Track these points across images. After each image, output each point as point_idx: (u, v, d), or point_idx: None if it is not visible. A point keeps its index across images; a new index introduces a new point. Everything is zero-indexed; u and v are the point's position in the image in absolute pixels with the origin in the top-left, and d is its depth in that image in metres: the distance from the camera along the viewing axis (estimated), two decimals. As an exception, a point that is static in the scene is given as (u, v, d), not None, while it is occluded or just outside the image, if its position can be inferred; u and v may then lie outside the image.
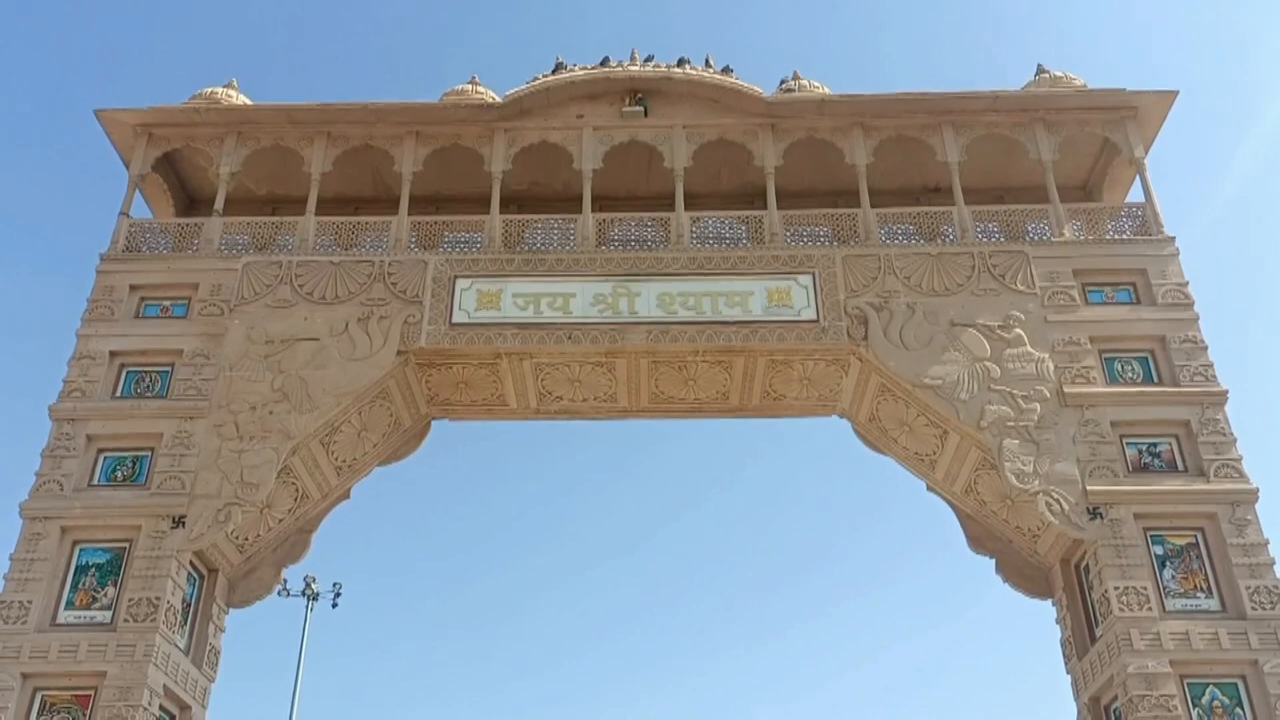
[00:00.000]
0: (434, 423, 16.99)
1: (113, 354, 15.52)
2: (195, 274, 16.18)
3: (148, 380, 15.46)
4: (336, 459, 15.81)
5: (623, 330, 15.53)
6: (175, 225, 17.18)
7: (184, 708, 14.27)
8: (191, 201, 18.69)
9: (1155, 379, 15.19)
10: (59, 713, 13.17)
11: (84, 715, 13.11)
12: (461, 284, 15.91)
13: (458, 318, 15.66)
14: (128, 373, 15.51)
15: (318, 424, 15.00)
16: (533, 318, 15.65)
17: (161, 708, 13.69)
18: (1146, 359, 15.39)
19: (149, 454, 14.81)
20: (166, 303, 16.09)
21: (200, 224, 16.93)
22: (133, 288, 16.12)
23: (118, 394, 15.35)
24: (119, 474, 14.74)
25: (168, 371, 15.45)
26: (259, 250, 16.55)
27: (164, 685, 13.56)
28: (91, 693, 13.20)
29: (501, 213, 16.79)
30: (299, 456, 15.13)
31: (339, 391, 15.13)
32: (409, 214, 16.78)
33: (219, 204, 16.97)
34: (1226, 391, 14.88)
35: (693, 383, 16.30)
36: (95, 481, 14.66)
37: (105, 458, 14.84)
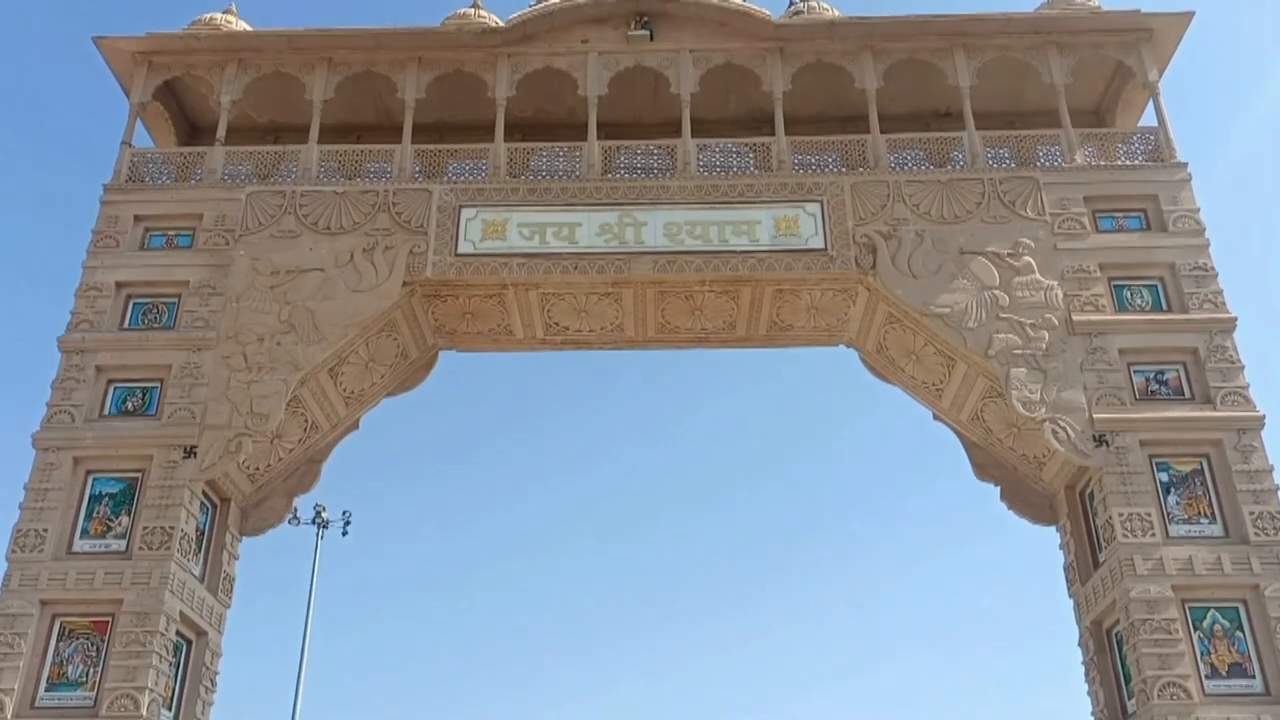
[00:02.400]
0: (441, 353, 17.02)
1: (119, 285, 15.52)
2: (199, 204, 16.10)
3: (155, 311, 15.48)
4: (345, 390, 15.87)
5: (629, 260, 15.45)
6: (178, 155, 17.04)
7: (200, 633, 14.54)
8: (193, 130, 18.51)
9: (1164, 306, 15.13)
10: (78, 639, 13.43)
11: (102, 641, 13.37)
12: (466, 214, 15.80)
13: (463, 248, 15.59)
14: (134, 304, 15.53)
15: (325, 355, 15.04)
16: (538, 248, 15.57)
17: (178, 633, 13.96)
18: (1156, 286, 15.31)
19: (158, 385, 14.89)
20: (171, 233, 16.04)
21: (203, 153, 16.80)
22: (137, 218, 16.06)
23: (125, 325, 15.38)
24: (129, 405, 14.84)
25: (174, 303, 15.46)
26: (262, 180, 16.44)
27: (180, 611, 13.81)
28: (109, 619, 13.46)
29: (506, 141, 16.60)
30: (307, 387, 15.20)
31: (346, 322, 15.14)
32: (412, 142, 16.61)
33: (221, 133, 16.81)
34: (1235, 319, 14.83)
35: (699, 312, 16.26)
36: (106, 412, 14.77)
37: (115, 389, 14.92)
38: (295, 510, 21.84)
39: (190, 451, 14.30)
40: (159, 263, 15.77)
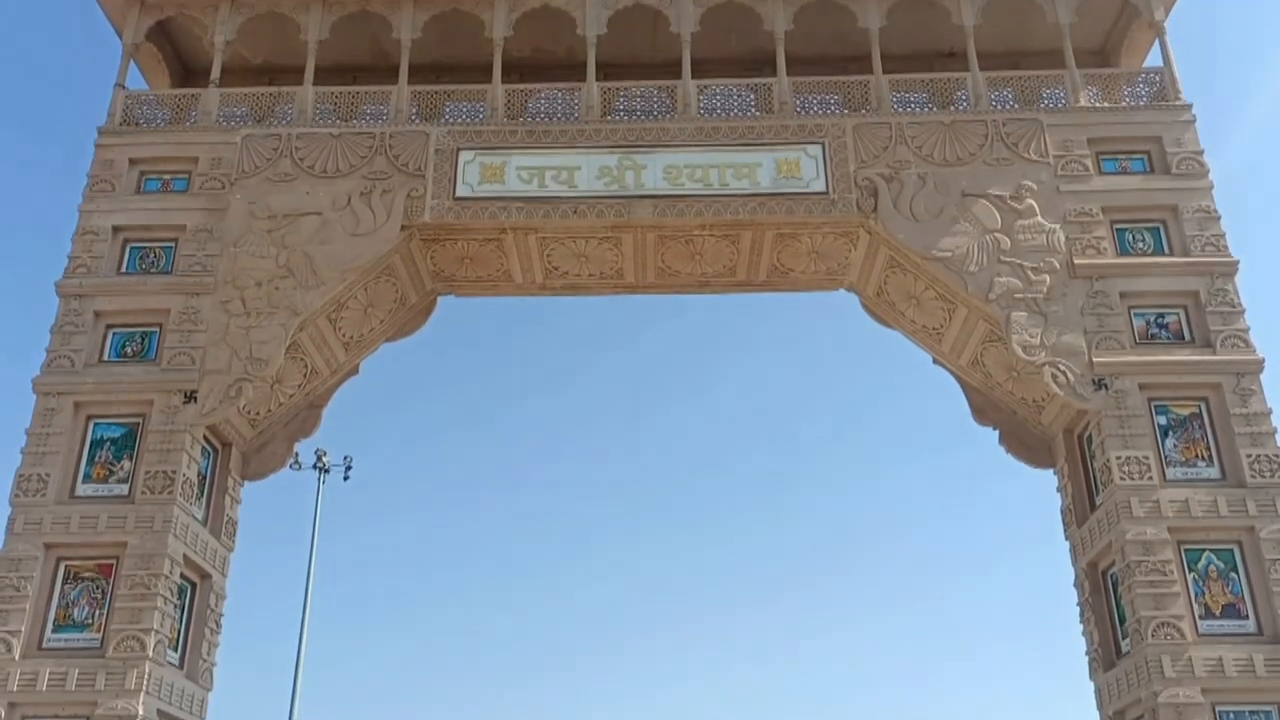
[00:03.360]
0: (440, 298, 16.96)
1: (116, 229, 15.42)
2: (194, 147, 15.94)
3: (152, 256, 15.41)
4: (344, 335, 15.85)
5: (629, 204, 15.34)
6: (172, 97, 16.83)
7: (204, 576, 14.67)
8: (187, 73, 18.26)
9: (1166, 249, 15.07)
10: (83, 581, 13.55)
11: (107, 584, 13.49)
12: (464, 156, 15.65)
13: (461, 191, 15.47)
14: (132, 248, 15.45)
15: (324, 300, 14.99)
16: (537, 191, 15.45)
17: (183, 576, 14.08)
18: (1158, 229, 15.23)
19: (157, 330, 14.86)
20: (167, 177, 15.91)
21: (197, 95, 16.59)
22: (132, 161, 15.90)
23: (123, 270, 15.32)
24: (128, 350, 14.82)
25: (171, 247, 15.38)
26: (257, 122, 16.26)
27: (184, 555, 13.92)
28: (113, 562, 13.58)
29: (503, 82, 16.39)
30: (306, 332, 15.17)
31: (344, 267, 15.07)
32: (409, 84, 16.40)
33: (215, 74, 16.59)
34: (1237, 262, 14.78)
35: (699, 257, 16.18)
36: (105, 357, 14.76)
37: (114, 334, 14.90)
38: (296, 455, 21.94)
39: (190, 396, 14.31)
40: (155, 206, 15.65)
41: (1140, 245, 15.14)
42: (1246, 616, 13.12)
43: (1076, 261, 14.76)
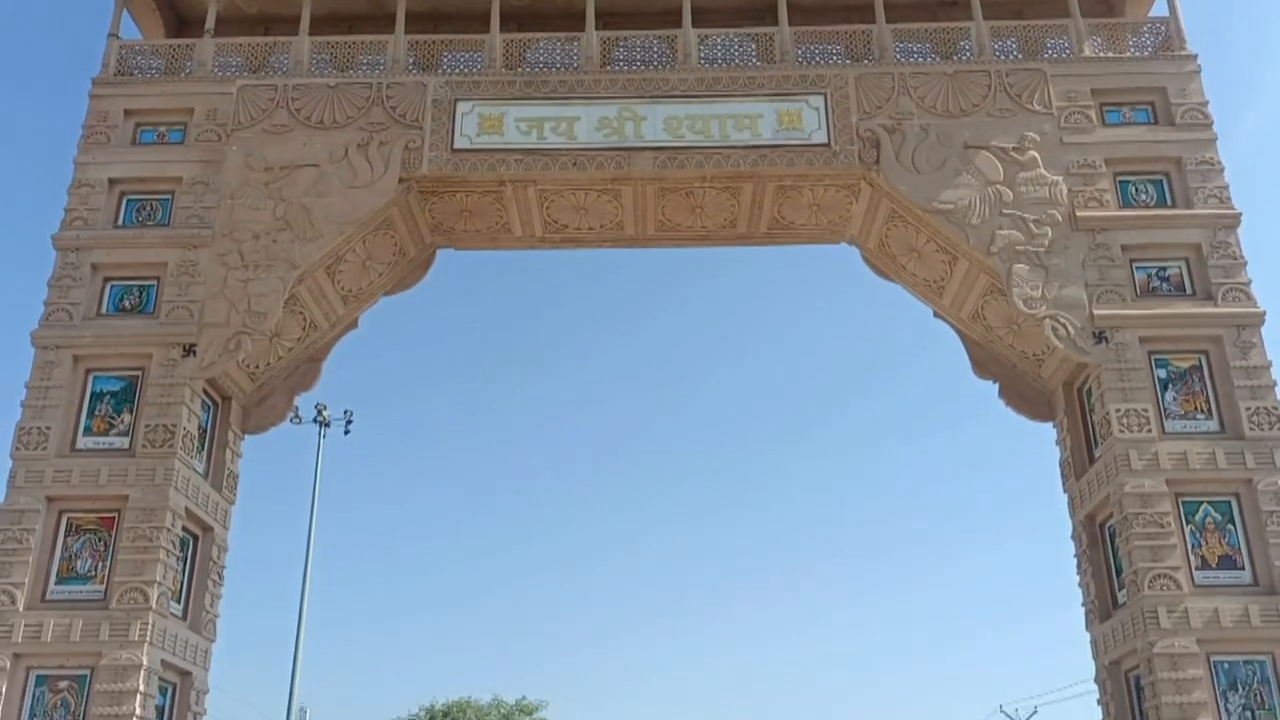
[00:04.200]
0: (439, 251, 16.86)
1: (112, 181, 15.30)
2: (189, 98, 15.77)
3: (149, 209, 15.30)
4: (343, 288, 15.78)
5: (629, 156, 15.20)
6: (166, 47, 16.60)
7: (206, 529, 14.72)
8: (181, 23, 17.96)
9: (1169, 202, 14.99)
10: (86, 534, 13.61)
11: (110, 536, 13.55)
12: (463, 107, 15.49)
13: (459, 143, 15.32)
14: (128, 201, 15.34)
15: (322, 253, 14.90)
16: (536, 143, 15.30)
17: (184, 528, 14.13)
18: (1161, 181, 15.15)
19: (155, 283, 14.80)
20: (162, 128, 15.76)
21: (192, 45, 16.38)
22: (127, 113, 15.74)
23: (120, 223, 15.22)
24: (127, 303, 14.77)
25: (168, 199, 15.27)
26: (253, 73, 16.07)
27: (185, 507, 13.95)
28: (115, 515, 13.62)
29: (502, 31, 16.18)
30: (305, 286, 15.10)
31: (342, 220, 14.96)
32: (406, 33, 16.18)
33: (210, 23, 16.38)
34: (1240, 215, 14.71)
35: (700, 210, 16.07)
36: (104, 311, 14.71)
37: (112, 287, 14.83)
38: (296, 409, 21.95)
39: (189, 350, 14.27)
40: (151, 159, 15.52)
41: (1143, 197, 15.05)
42: (1243, 568, 13.21)
43: (1079, 214, 14.68)
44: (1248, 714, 12.59)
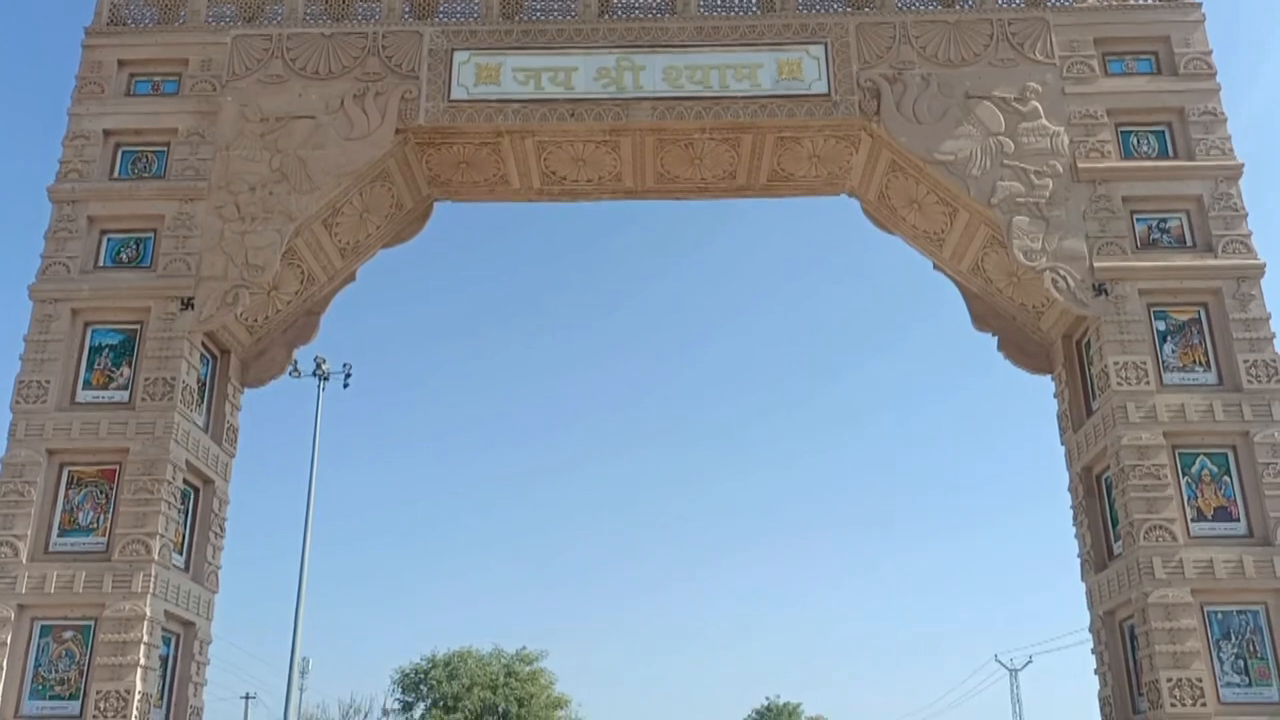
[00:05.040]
0: (437, 204, 16.77)
1: (107, 133, 15.18)
2: (184, 48, 15.59)
3: (144, 160, 15.20)
4: (340, 241, 15.72)
5: (627, 106, 15.07)
6: (158, -5, 16.37)
7: (207, 481, 14.80)
8: (173, -30, 17.75)
9: (1171, 153, 14.89)
10: (87, 486, 13.67)
11: (111, 489, 13.61)
12: (459, 57, 15.33)
13: (456, 94, 15.18)
14: (123, 152, 15.23)
15: (319, 205, 14.82)
16: (534, 93, 15.16)
17: (186, 481, 14.20)
18: (1163, 132, 15.04)
19: (152, 236, 14.74)
20: (157, 79, 15.60)
21: (185, -6, 16.14)
22: (121, 63, 15.57)
23: (115, 175, 15.12)
24: (124, 256, 14.72)
25: (164, 151, 15.17)
26: (247, 22, 15.87)
27: (186, 460, 14.01)
28: (116, 468, 13.68)
29: (499, -22, 15.95)
30: (302, 238, 15.04)
31: (338, 172, 14.87)
32: (401, -19, 15.96)
33: (202, -28, 16.13)
34: (1242, 165, 14.62)
35: (699, 161, 15.96)
36: (101, 264, 14.66)
37: (109, 239, 14.78)
38: (295, 362, 22.00)
39: (187, 303, 14.25)
40: (146, 110, 15.38)
41: (1144, 148, 14.96)
42: (1238, 519, 13.30)
43: (1080, 165, 14.59)
44: (1240, 663, 12.73)
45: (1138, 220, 14.56)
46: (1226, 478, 13.47)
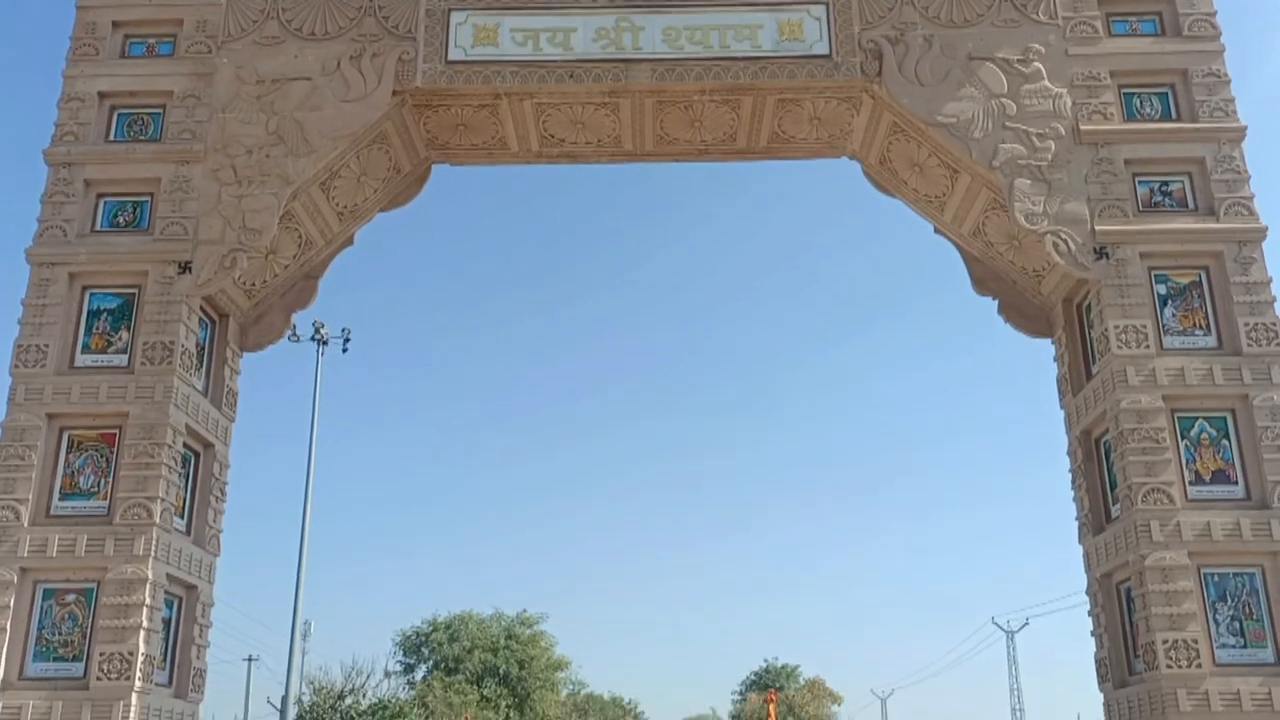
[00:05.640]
0: (435, 167, 16.66)
1: (102, 95, 15.04)
2: (178, 9, 15.40)
3: (140, 123, 15.09)
4: (337, 204, 15.64)
5: (626, 68, 14.92)
6: (152, -45, 16.17)
7: (207, 445, 14.82)
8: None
9: (1174, 115, 14.79)
10: (87, 450, 13.68)
11: (111, 452, 13.62)
12: (456, 18, 15.16)
13: (454, 55, 15.02)
14: (119, 115, 15.10)
15: (316, 168, 14.73)
16: (532, 55, 15.01)
17: (186, 445, 14.21)
18: (1166, 94, 14.92)
19: (149, 199, 14.66)
20: (151, 40, 15.43)
21: (178, -47, 15.94)
22: (115, 24, 15.39)
23: (111, 138, 15.00)
24: (121, 219, 14.64)
25: (159, 114, 15.04)
26: (242, -18, 15.67)
27: (186, 424, 14.01)
28: (116, 432, 13.68)
29: (496, -61, 15.76)
30: (300, 202, 14.96)
31: (335, 134, 14.75)
32: (398, -61, 15.75)
33: (196, -69, 15.92)
34: (1245, 128, 14.52)
35: (699, 124, 15.84)
36: (98, 227, 14.58)
37: (106, 203, 14.69)
38: (294, 326, 21.96)
39: (185, 267, 14.19)
40: (141, 72, 15.23)
41: (1147, 110, 14.85)
42: (1236, 482, 13.33)
43: (1082, 127, 14.49)
44: (1236, 625, 12.82)
45: (1140, 183, 14.49)
46: (1225, 441, 13.50)
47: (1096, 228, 14.06)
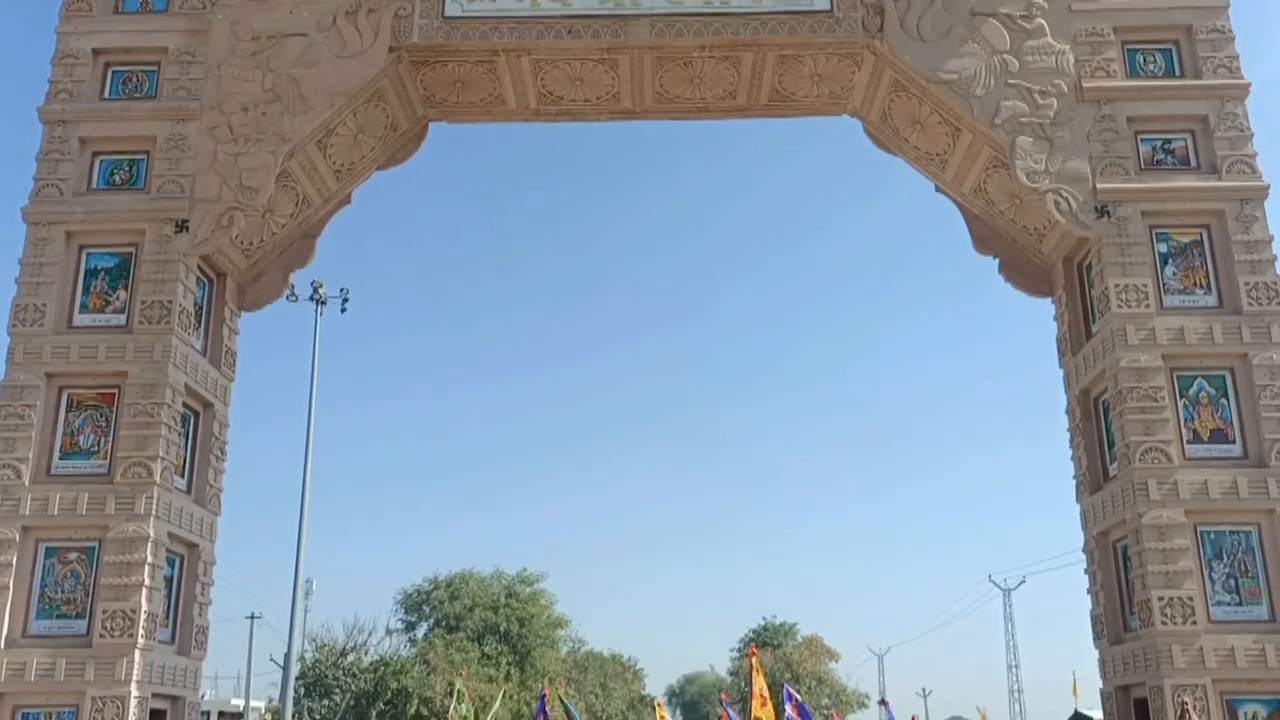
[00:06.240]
0: (432, 125, 16.52)
1: (96, 52, 14.88)
2: (172, -37, 15.21)
3: (135, 80, 14.94)
4: (334, 162, 15.53)
5: (625, 23, 14.75)
6: (145, -91, 15.93)
7: (207, 405, 14.82)
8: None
9: (1177, 72, 14.65)
10: (87, 409, 13.68)
11: (111, 412, 13.63)
12: (454, -28, 14.95)
13: (450, 10, 14.85)
14: (114, 72, 14.95)
15: (312, 125, 14.60)
16: (530, 10, 14.84)
17: (185, 405, 14.21)
18: (1170, 50, 14.77)
19: (144, 157, 14.55)
20: (145, -5, 15.25)
21: (171, -93, 15.71)
22: (108, -21, 15.21)
23: (106, 95, 14.86)
24: (117, 178, 14.54)
25: (154, 71, 14.90)
26: (237, -63, 15.45)
27: (185, 384, 14.00)
28: (115, 391, 13.68)
29: (493, -108, 15.52)
30: (297, 160, 14.85)
31: (331, 92, 14.61)
32: (393, -108, 15.51)
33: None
34: (1248, 85, 14.39)
35: (698, 80, 15.69)
36: (94, 186, 14.49)
37: (101, 161, 14.58)
38: (292, 286, 21.90)
39: (182, 226, 14.11)
40: (135, 28, 15.05)
41: (1151, 67, 14.71)
42: (1233, 441, 13.35)
43: (1085, 85, 14.35)
44: (1231, 582, 12.90)
45: (1142, 141, 14.38)
46: (1224, 400, 13.50)
47: (1098, 186, 13.97)
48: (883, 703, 29.83)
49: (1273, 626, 12.64)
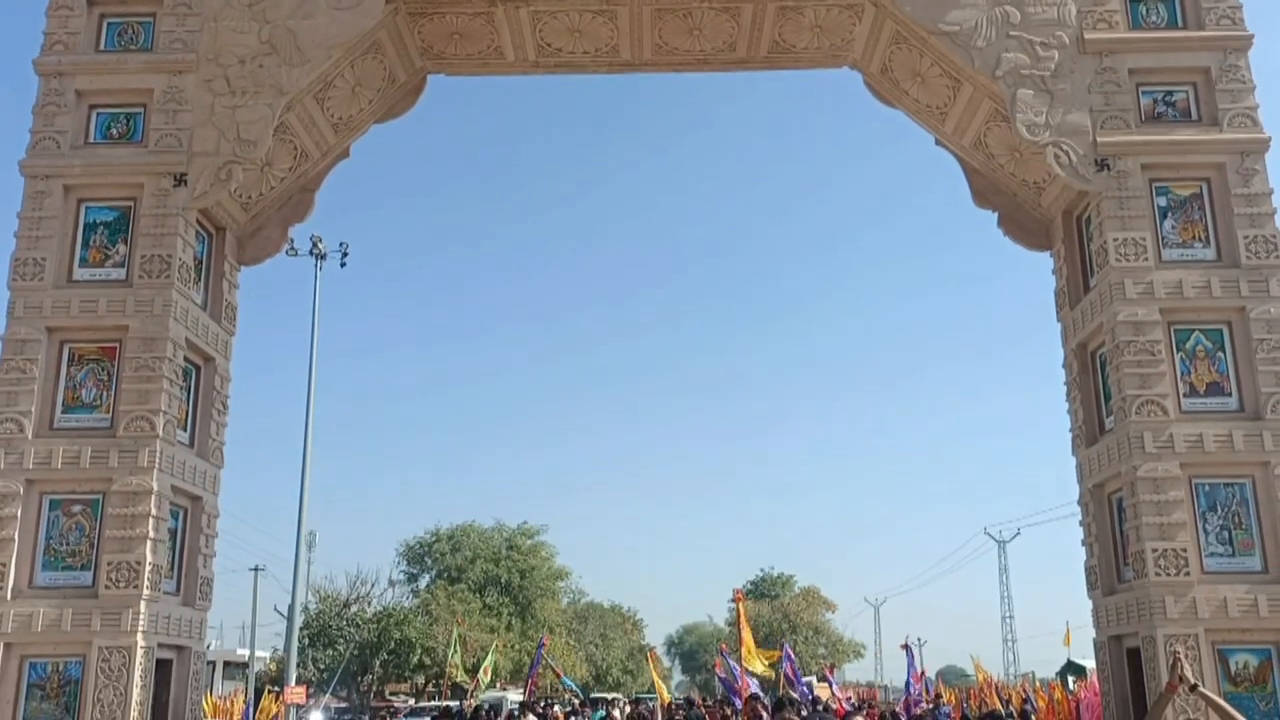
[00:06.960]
0: (430, 77, 16.43)
1: (90, 2, 14.73)
2: (165, -88, 15.03)
3: (130, 32, 14.81)
4: (332, 115, 15.45)
5: (624, -27, 14.62)
6: None
7: (208, 359, 14.87)
8: None
9: (1180, 23, 14.53)
10: (88, 364, 13.74)
11: (112, 366, 13.68)
12: (451, -78, 14.80)
13: (448, -39, 14.71)
14: (109, 23, 14.81)
15: (310, 78, 14.51)
16: (528, -39, 14.69)
17: (186, 359, 14.27)
18: (1173, 1, 14.64)
19: (142, 111, 14.47)
20: (139, -55, 15.08)
21: None
22: (100, -72, 15.04)
23: (101, 47, 14.74)
24: (114, 131, 14.47)
25: (150, 22, 14.76)
26: (230, -114, 15.25)
27: (185, 338, 14.05)
28: (116, 345, 13.72)
29: None
30: (294, 113, 14.78)
31: (329, 43, 14.51)
32: None
33: None
34: (1252, 36, 14.28)
35: (698, 32, 15.58)
36: (92, 139, 14.42)
37: (98, 114, 14.49)
38: (292, 241, 21.87)
39: (180, 179, 14.07)
40: (128, -22, 14.90)
41: (1153, 18, 14.58)
42: (1230, 394, 13.41)
43: (1087, 36, 14.25)
44: (1225, 534, 13.02)
45: (1143, 93, 14.30)
46: (1220, 353, 13.53)
47: (1098, 139, 13.92)
48: (905, 647, 30.18)
49: (1265, 577, 12.78)
